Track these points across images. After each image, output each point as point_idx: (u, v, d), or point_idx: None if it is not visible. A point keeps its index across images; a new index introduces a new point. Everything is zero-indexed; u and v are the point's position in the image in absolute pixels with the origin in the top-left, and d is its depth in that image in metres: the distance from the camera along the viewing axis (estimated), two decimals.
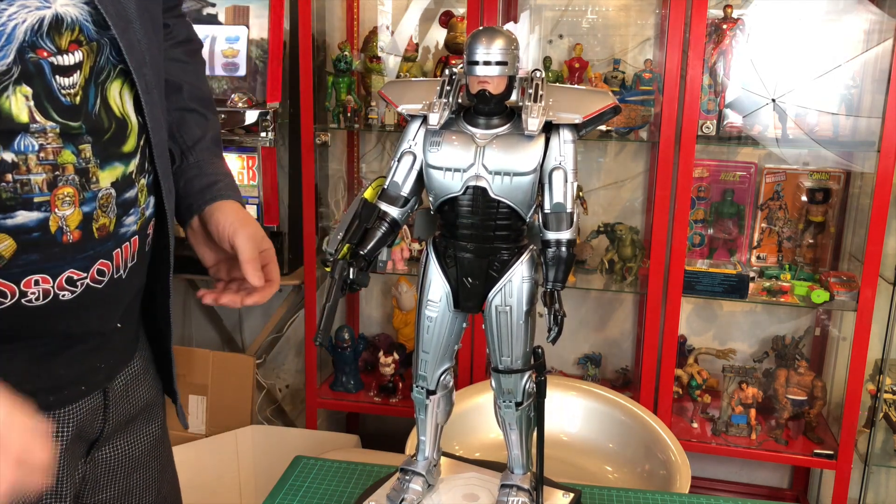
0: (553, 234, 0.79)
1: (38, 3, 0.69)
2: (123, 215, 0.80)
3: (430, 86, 0.82)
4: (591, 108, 0.78)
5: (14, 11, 0.67)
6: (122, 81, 0.79)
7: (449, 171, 0.80)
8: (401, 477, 0.94)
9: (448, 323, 0.86)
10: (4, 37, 0.66)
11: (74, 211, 0.73)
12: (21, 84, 0.69)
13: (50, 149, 0.71)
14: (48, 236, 0.72)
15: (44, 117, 0.71)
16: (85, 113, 0.74)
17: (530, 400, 0.87)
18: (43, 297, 0.73)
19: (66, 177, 0.73)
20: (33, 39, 0.69)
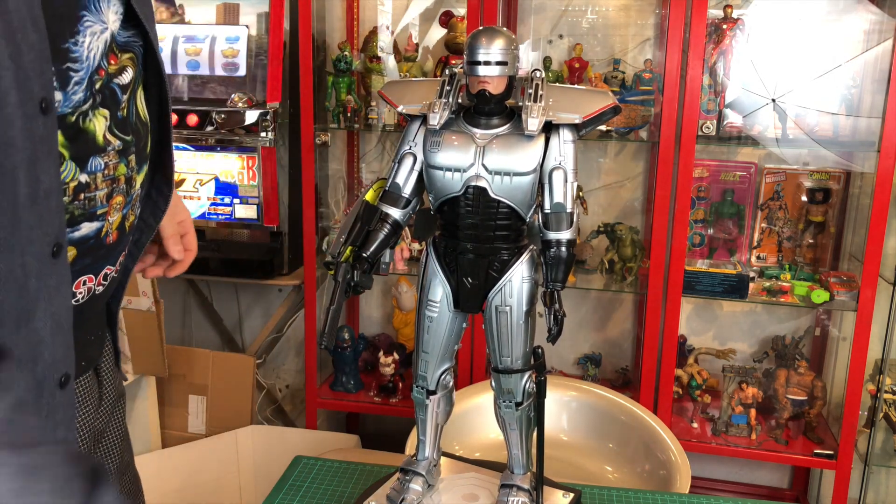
0: (553, 234, 0.79)
1: (101, 27, 0.73)
2: (142, 209, 0.87)
3: (430, 86, 0.82)
4: (591, 108, 0.78)
5: (89, 41, 0.71)
6: (142, 87, 0.83)
7: (449, 171, 0.80)
8: (401, 477, 0.94)
9: (448, 323, 0.86)
10: (86, 67, 0.71)
11: (118, 216, 0.79)
12: (100, 108, 0.74)
13: (111, 165, 0.76)
14: (99, 240, 0.77)
15: (113, 136, 0.76)
16: (131, 125, 0.79)
17: (530, 400, 0.87)
18: (87, 295, 0.78)
19: (119, 187, 0.78)
20: (99, 65, 0.73)
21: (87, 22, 0.72)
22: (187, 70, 2.26)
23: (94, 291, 0.80)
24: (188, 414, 2.37)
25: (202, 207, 2.28)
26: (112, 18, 0.76)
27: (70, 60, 0.70)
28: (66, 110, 0.70)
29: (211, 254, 2.32)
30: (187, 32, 2.26)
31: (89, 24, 0.72)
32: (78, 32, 0.70)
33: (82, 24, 0.71)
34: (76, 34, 0.70)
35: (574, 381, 1.96)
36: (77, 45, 0.70)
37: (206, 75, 2.25)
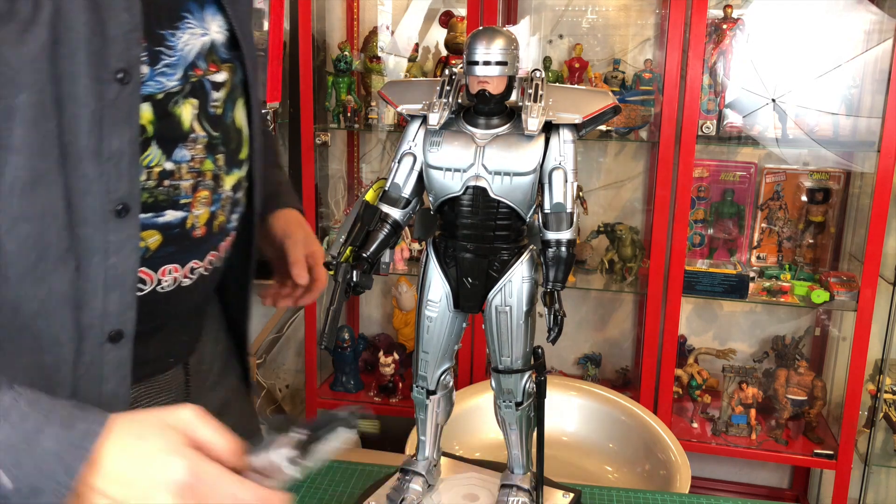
0: (553, 234, 0.79)
1: (201, 31, 0.81)
2: (232, 212, 0.90)
3: (430, 86, 0.82)
4: (591, 108, 0.78)
5: (187, 38, 0.79)
6: (242, 99, 0.89)
7: (449, 171, 0.80)
8: (401, 477, 0.94)
9: (448, 323, 0.86)
10: (182, 59, 0.78)
11: (205, 210, 0.84)
12: (189, 97, 0.80)
13: (197, 158, 0.82)
14: (184, 231, 0.81)
15: (200, 127, 0.82)
16: (223, 125, 0.85)
17: (530, 400, 0.87)
18: (172, 284, 0.83)
19: (205, 182, 0.83)
20: (195, 60, 0.80)
21: (187, 22, 0.79)
22: None
23: (180, 283, 0.84)
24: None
25: None
26: (215, 29, 0.83)
27: (164, 46, 0.76)
28: (155, 91, 0.77)
29: None
30: None
31: (189, 26, 0.80)
32: (178, 28, 0.78)
33: (183, 22, 0.79)
34: (175, 28, 0.78)
35: (574, 381, 1.96)
36: (174, 36, 0.77)
37: None
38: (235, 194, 0.90)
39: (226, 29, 0.85)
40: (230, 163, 0.87)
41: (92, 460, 0.57)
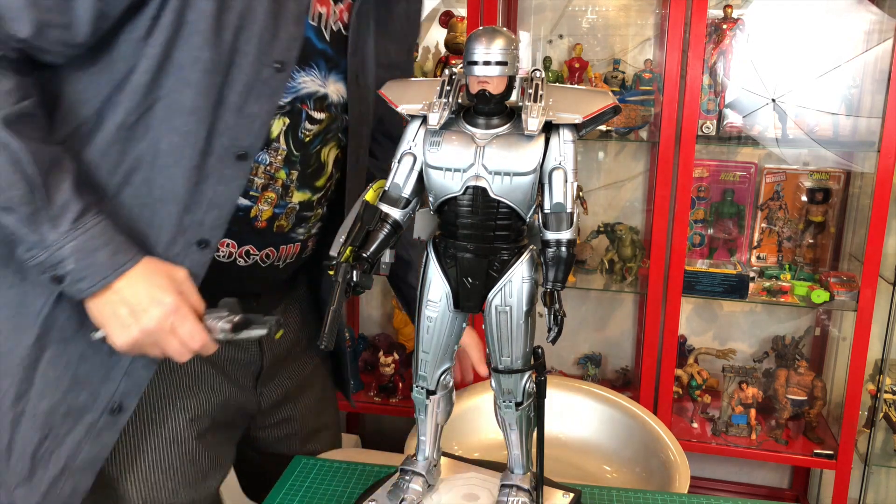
0: (553, 234, 0.79)
1: (318, 83, 1.02)
2: (297, 225, 1.08)
3: (430, 86, 0.82)
4: (591, 108, 0.78)
5: (304, 80, 1.00)
6: (336, 145, 1.09)
7: (449, 171, 0.80)
8: (401, 477, 0.94)
9: (448, 323, 0.86)
10: (294, 90, 0.99)
11: (269, 209, 1.02)
12: (284, 116, 0.99)
13: (273, 166, 1.00)
14: (247, 218, 1.00)
15: (284, 141, 1.00)
16: (305, 150, 1.03)
17: (530, 400, 0.87)
18: (228, 257, 1.02)
19: (274, 186, 1.02)
20: (304, 98, 1.01)
21: (312, 71, 1.00)
22: None
23: (234, 258, 1.03)
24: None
25: None
26: (332, 89, 1.04)
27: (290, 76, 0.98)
28: None
29: None
30: None
31: (312, 75, 1.01)
32: (303, 70, 0.99)
33: (308, 69, 1.00)
34: (301, 69, 0.99)
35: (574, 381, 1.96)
36: (298, 73, 0.98)
37: None
38: (303, 211, 1.07)
39: (342, 97, 1.06)
40: (302, 182, 1.05)
41: (122, 276, 0.89)
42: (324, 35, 1.02)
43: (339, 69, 1.05)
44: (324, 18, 1.01)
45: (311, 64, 1.00)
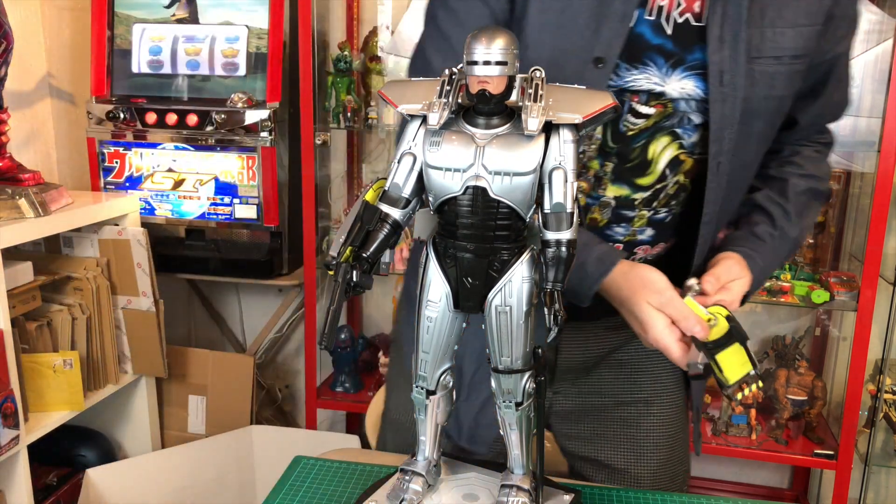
0: (553, 234, 0.79)
1: (655, 80, 0.96)
2: (614, 223, 1.04)
3: (429, 86, 0.81)
4: (592, 108, 0.78)
5: (635, 77, 0.96)
6: (670, 141, 1.00)
7: (448, 171, 0.80)
8: (401, 477, 0.94)
9: (448, 323, 0.86)
10: (617, 85, 0.96)
11: (581, 198, 1.00)
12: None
13: (588, 154, 0.99)
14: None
15: (601, 130, 0.98)
16: (624, 143, 0.98)
17: (530, 400, 0.87)
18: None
19: (587, 176, 1.00)
20: (631, 90, 0.96)
21: (648, 69, 0.96)
22: (187, 70, 2.26)
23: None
24: (188, 414, 2.37)
25: (202, 207, 2.28)
26: (675, 87, 0.97)
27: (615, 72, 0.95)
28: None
29: (211, 254, 2.32)
30: (187, 32, 2.26)
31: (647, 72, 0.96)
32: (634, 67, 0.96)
33: (642, 67, 0.96)
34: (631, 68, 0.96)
35: None
36: (626, 70, 0.95)
37: (206, 75, 2.25)
38: (620, 209, 1.03)
39: (689, 94, 0.97)
40: (619, 176, 1.00)
41: (611, 273, 0.94)
42: (664, 29, 0.95)
43: (686, 64, 0.96)
44: (664, 11, 0.95)
45: (646, 61, 0.95)
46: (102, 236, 2.05)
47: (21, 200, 1.73)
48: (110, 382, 2.06)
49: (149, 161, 2.28)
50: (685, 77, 0.97)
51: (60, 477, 2.07)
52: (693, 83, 0.97)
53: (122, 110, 2.23)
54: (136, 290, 2.07)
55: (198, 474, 2.15)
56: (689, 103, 0.98)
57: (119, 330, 2.10)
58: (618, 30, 0.93)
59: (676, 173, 1.02)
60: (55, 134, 2.32)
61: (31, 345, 1.82)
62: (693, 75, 0.97)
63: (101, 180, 2.31)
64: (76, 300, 1.96)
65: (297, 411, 2.80)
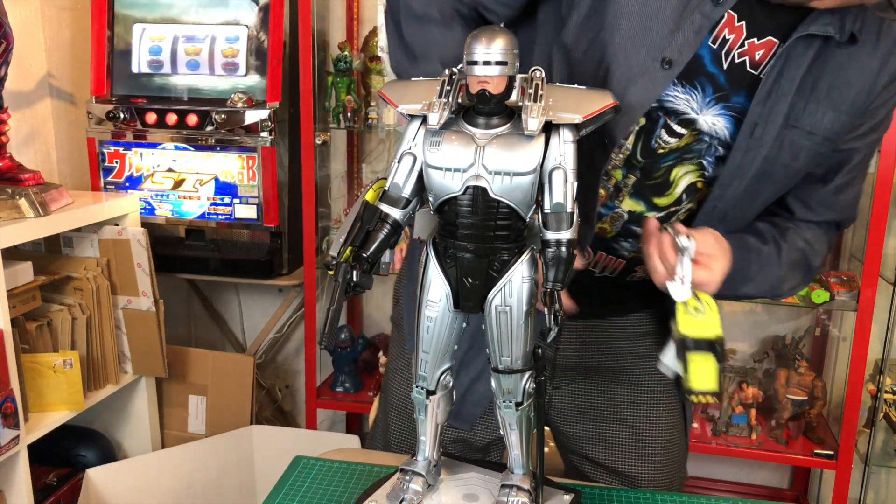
0: (553, 234, 0.79)
1: (692, 106, 0.96)
2: (622, 237, 1.04)
3: (430, 86, 0.81)
4: (592, 108, 0.78)
5: (677, 95, 0.96)
6: (694, 170, 1.01)
7: (448, 171, 0.80)
8: (401, 477, 0.94)
9: (448, 323, 0.86)
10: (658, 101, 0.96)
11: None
12: (643, 117, 0.96)
13: (613, 162, 0.98)
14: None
15: (632, 143, 0.98)
16: (652, 160, 0.99)
17: (530, 400, 0.87)
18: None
19: (606, 185, 1.00)
20: (668, 111, 0.96)
21: (692, 91, 0.96)
22: (187, 70, 2.26)
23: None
24: (188, 414, 2.37)
25: (202, 207, 2.28)
26: (707, 120, 0.97)
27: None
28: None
29: (211, 254, 2.32)
30: (187, 32, 2.26)
31: (690, 94, 0.96)
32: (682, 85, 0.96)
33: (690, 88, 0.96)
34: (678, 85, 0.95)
35: None
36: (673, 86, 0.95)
37: (206, 75, 2.25)
38: (631, 224, 1.02)
39: (717, 133, 0.98)
40: (638, 191, 1.00)
41: None
42: (721, 61, 0.95)
43: (728, 104, 0.97)
44: (727, 45, 0.95)
45: (695, 84, 0.96)
46: (102, 236, 2.04)
47: (21, 200, 1.73)
48: (110, 382, 2.06)
49: (149, 161, 2.28)
50: (721, 115, 0.97)
51: (60, 477, 2.07)
52: (725, 123, 0.97)
53: (122, 110, 2.23)
54: (136, 290, 2.07)
55: (198, 474, 2.15)
56: (713, 141, 0.99)
57: (119, 330, 2.10)
58: (691, 40, 0.92)
59: (691, 200, 1.03)
60: (55, 134, 2.32)
61: (31, 345, 1.82)
62: (729, 116, 0.97)
63: (101, 180, 2.31)
64: (76, 300, 1.96)
65: (297, 411, 2.80)
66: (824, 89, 0.96)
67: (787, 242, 1.07)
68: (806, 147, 0.98)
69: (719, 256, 0.94)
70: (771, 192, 1.04)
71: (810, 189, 1.07)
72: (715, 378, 0.83)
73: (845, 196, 1.10)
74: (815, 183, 1.07)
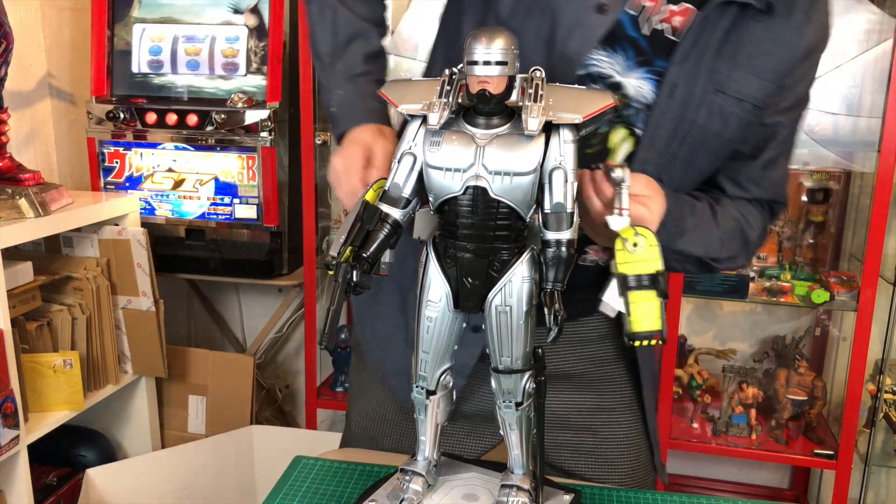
0: (553, 234, 0.79)
1: (616, 69, 0.98)
2: None
3: (430, 86, 0.81)
4: (592, 108, 0.78)
5: (601, 58, 0.97)
6: (627, 134, 1.01)
7: (449, 171, 0.80)
8: (401, 477, 0.94)
9: (448, 323, 0.86)
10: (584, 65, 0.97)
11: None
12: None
13: None
14: None
15: None
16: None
17: (530, 400, 0.87)
18: None
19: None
20: (594, 77, 0.97)
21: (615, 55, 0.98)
22: (187, 70, 2.26)
23: None
24: (188, 414, 2.37)
25: (202, 207, 2.28)
26: (632, 83, 0.98)
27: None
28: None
29: (211, 254, 2.32)
30: (187, 32, 2.26)
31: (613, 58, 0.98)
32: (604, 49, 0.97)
33: (612, 52, 0.97)
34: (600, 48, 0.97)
35: None
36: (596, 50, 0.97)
37: (206, 75, 2.25)
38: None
39: (644, 97, 0.98)
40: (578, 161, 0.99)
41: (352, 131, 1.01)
42: (640, 28, 0.97)
43: (652, 68, 0.98)
44: (646, 12, 0.97)
45: (616, 48, 0.97)
46: (102, 236, 2.05)
47: (21, 200, 1.73)
48: (110, 382, 2.06)
49: (149, 161, 2.28)
50: (645, 78, 0.98)
51: (60, 477, 2.07)
52: (651, 87, 0.99)
53: (122, 110, 2.23)
54: (136, 290, 2.07)
55: (198, 474, 2.15)
56: (641, 106, 1.00)
57: (119, 330, 2.10)
58: None
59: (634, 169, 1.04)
60: (55, 134, 2.32)
61: (31, 345, 1.82)
62: (653, 80, 0.98)
63: (101, 180, 2.31)
64: (76, 300, 1.96)
65: (297, 411, 2.80)
66: (745, 57, 0.99)
67: (722, 207, 1.07)
68: (736, 114, 1.00)
69: (654, 196, 0.94)
70: (706, 162, 1.05)
71: (739, 166, 1.09)
72: (658, 316, 0.82)
73: (773, 173, 1.11)
74: (744, 160, 1.08)
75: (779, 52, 1.00)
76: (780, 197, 1.15)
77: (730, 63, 0.98)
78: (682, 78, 0.97)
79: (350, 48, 1.04)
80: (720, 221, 1.06)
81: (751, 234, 1.11)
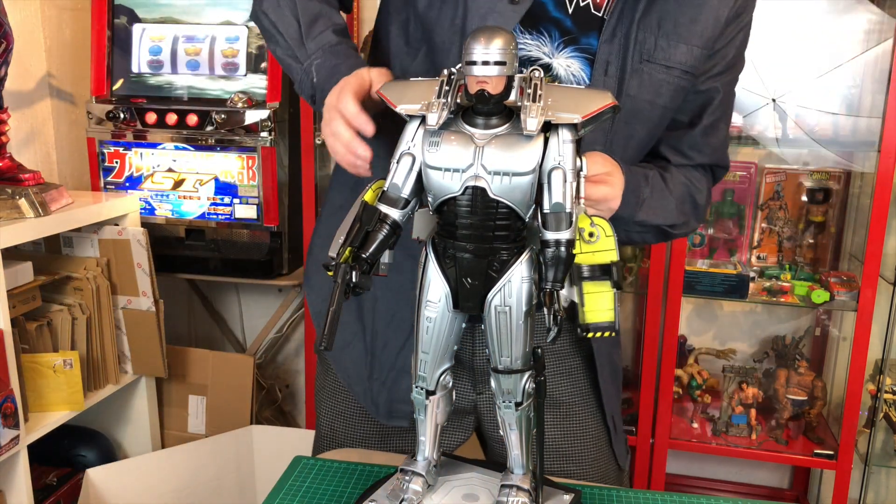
0: (552, 235, 0.79)
1: (544, 51, 1.00)
2: None
3: (428, 86, 0.81)
4: (591, 108, 0.78)
5: (527, 42, 0.99)
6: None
7: (448, 172, 0.80)
8: (401, 477, 0.94)
9: (447, 323, 0.86)
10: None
11: None
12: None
13: None
14: None
15: None
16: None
17: (530, 400, 0.87)
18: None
19: None
20: (523, 62, 0.97)
21: (540, 37, 1.00)
22: (187, 70, 2.26)
23: None
24: (188, 414, 2.37)
25: (202, 207, 2.28)
26: (562, 63, 1.01)
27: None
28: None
29: (211, 254, 2.32)
30: (187, 32, 2.26)
31: (539, 41, 1.00)
32: (529, 32, 0.99)
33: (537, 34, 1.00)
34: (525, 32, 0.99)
35: None
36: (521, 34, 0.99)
37: (206, 75, 2.25)
38: None
39: (575, 75, 1.01)
40: None
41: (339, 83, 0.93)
42: (565, 6, 0.99)
43: (578, 45, 1.00)
44: None
45: (542, 30, 0.99)
46: (102, 236, 2.05)
47: (21, 200, 1.73)
48: (110, 382, 2.06)
49: (149, 161, 2.28)
50: (574, 57, 1.00)
51: (60, 477, 2.07)
52: (580, 65, 1.01)
53: (122, 110, 2.23)
54: (136, 290, 2.07)
55: (198, 474, 2.15)
56: (574, 83, 1.02)
57: (119, 330, 2.10)
58: None
59: None
60: (55, 134, 2.32)
61: (31, 345, 1.82)
62: (582, 58, 1.00)
63: (101, 180, 2.31)
64: (76, 300, 1.96)
65: (297, 411, 2.80)
66: (671, 25, 1.01)
67: (670, 175, 1.09)
68: (666, 81, 1.01)
69: (614, 172, 0.95)
70: (644, 132, 1.06)
71: (679, 135, 1.11)
72: (611, 308, 0.83)
73: (713, 139, 1.13)
74: (683, 128, 1.10)
75: (703, 17, 1.02)
76: (721, 161, 1.17)
77: (655, 32, 1.01)
78: (613, 55, 1.00)
79: (316, 26, 1.04)
80: (672, 188, 1.08)
81: (699, 198, 1.13)
